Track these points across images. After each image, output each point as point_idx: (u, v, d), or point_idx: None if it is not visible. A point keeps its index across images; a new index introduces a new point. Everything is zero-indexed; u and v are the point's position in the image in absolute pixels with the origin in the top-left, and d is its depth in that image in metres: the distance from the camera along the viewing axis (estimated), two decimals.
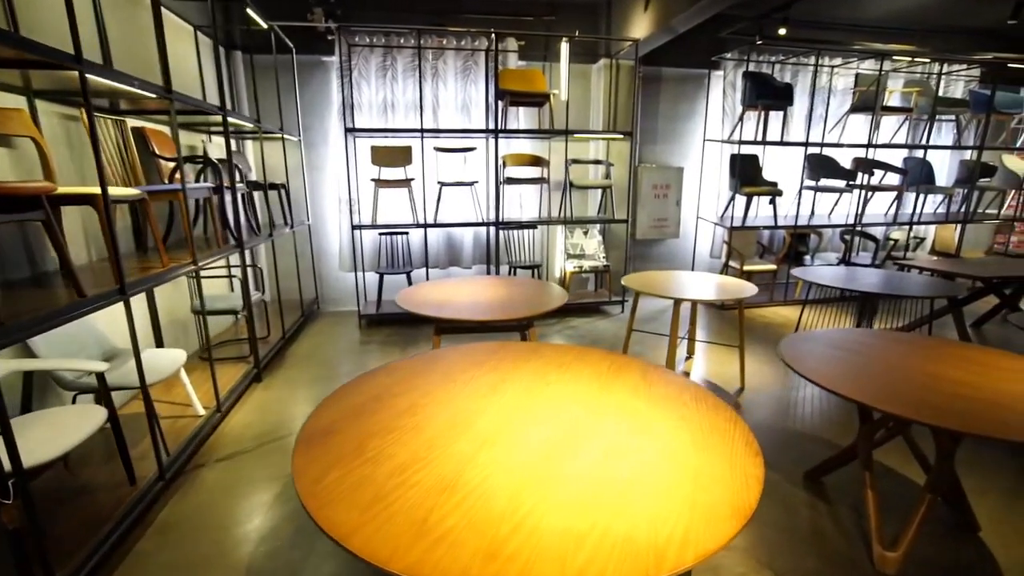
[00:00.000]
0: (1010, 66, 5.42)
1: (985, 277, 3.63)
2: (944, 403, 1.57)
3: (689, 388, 1.67)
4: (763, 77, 5.02)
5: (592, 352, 2.02)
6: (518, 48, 5.00)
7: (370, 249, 5.08)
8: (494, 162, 4.75)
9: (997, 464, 2.43)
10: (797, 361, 1.91)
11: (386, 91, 4.92)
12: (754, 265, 5.10)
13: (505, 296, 3.01)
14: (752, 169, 5.20)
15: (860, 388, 1.68)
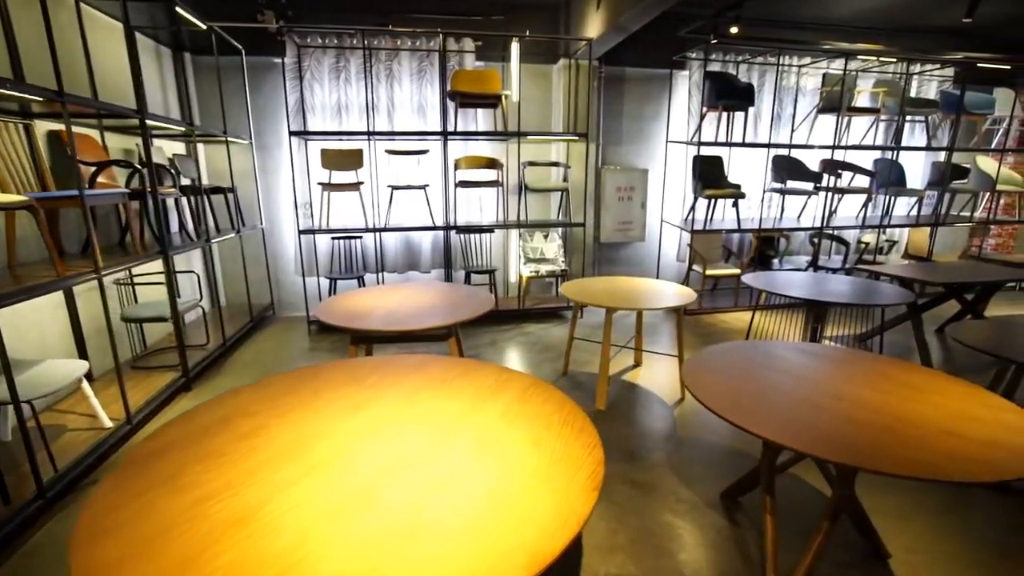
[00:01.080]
0: (979, 66, 5.30)
1: (941, 283, 3.52)
2: (841, 431, 1.46)
3: (562, 408, 1.57)
4: (725, 77, 4.92)
5: (482, 368, 1.91)
6: (475, 49, 4.91)
7: (324, 253, 4.99)
8: (449, 165, 4.66)
9: (929, 484, 2.31)
10: (699, 382, 1.80)
11: (339, 93, 4.82)
12: (717, 269, 4.99)
13: (430, 304, 2.91)
14: (716, 171, 5.10)
15: (757, 415, 1.57)
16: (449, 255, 4.66)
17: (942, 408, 1.58)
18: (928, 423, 1.48)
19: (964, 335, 2.36)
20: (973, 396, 1.66)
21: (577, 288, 3.22)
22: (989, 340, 2.29)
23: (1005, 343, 2.25)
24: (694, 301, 3.01)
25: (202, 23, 3.79)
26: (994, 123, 5.76)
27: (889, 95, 5.31)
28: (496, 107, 4.59)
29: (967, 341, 2.27)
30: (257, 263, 4.98)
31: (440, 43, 4.08)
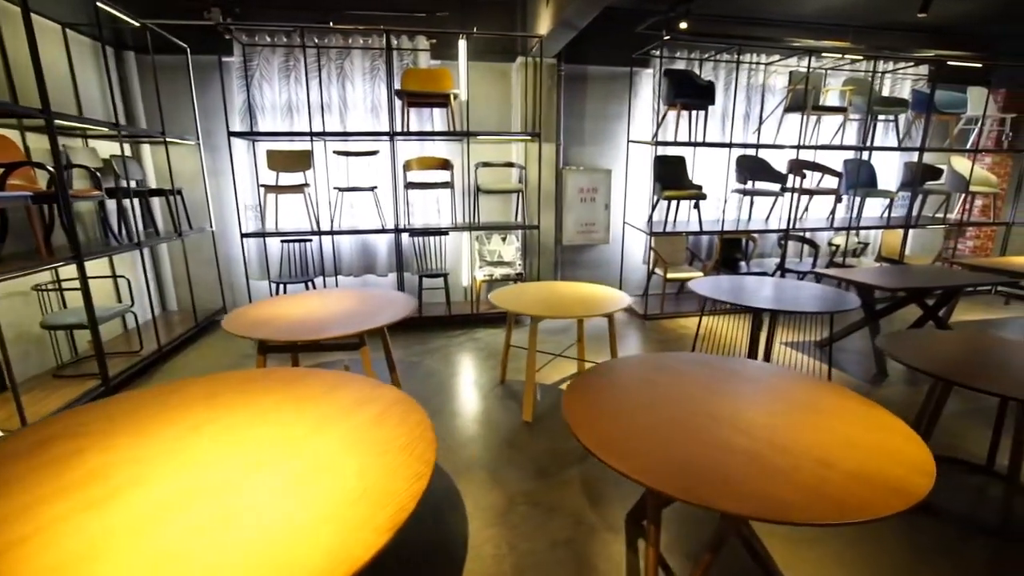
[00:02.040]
0: (950, 64, 5.15)
1: (895, 288, 3.38)
2: (713, 462, 1.33)
3: (414, 431, 1.44)
4: (685, 75, 4.79)
5: (355, 383, 1.78)
6: (430, 47, 4.79)
7: (277, 257, 4.88)
8: (398, 166, 4.54)
9: None
10: (578, 408, 1.67)
11: (289, 93, 4.71)
12: (679, 272, 4.85)
13: (346, 311, 2.79)
14: (678, 172, 4.96)
15: (632, 451, 1.44)
16: (400, 258, 4.54)
17: (828, 433, 1.45)
18: (806, 452, 1.35)
19: (892, 346, 2.22)
20: (868, 417, 1.53)
21: (507, 295, 3.09)
22: (918, 352, 2.15)
23: (934, 356, 2.12)
24: (631, 305, 2.89)
25: (135, 20, 3.69)
26: (968, 123, 5.61)
27: (856, 93, 5.17)
28: (445, 106, 4.46)
29: (893, 352, 2.14)
30: (210, 266, 4.87)
31: (385, 41, 3.96)
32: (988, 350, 2.17)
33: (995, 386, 1.78)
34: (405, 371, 3.66)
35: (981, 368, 1.96)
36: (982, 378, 1.85)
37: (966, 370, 1.93)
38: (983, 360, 2.05)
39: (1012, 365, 1.99)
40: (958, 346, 2.22)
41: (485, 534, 1.97)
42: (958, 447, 2.62)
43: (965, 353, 2.13)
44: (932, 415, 2.18)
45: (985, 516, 2.09)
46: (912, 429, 1.45)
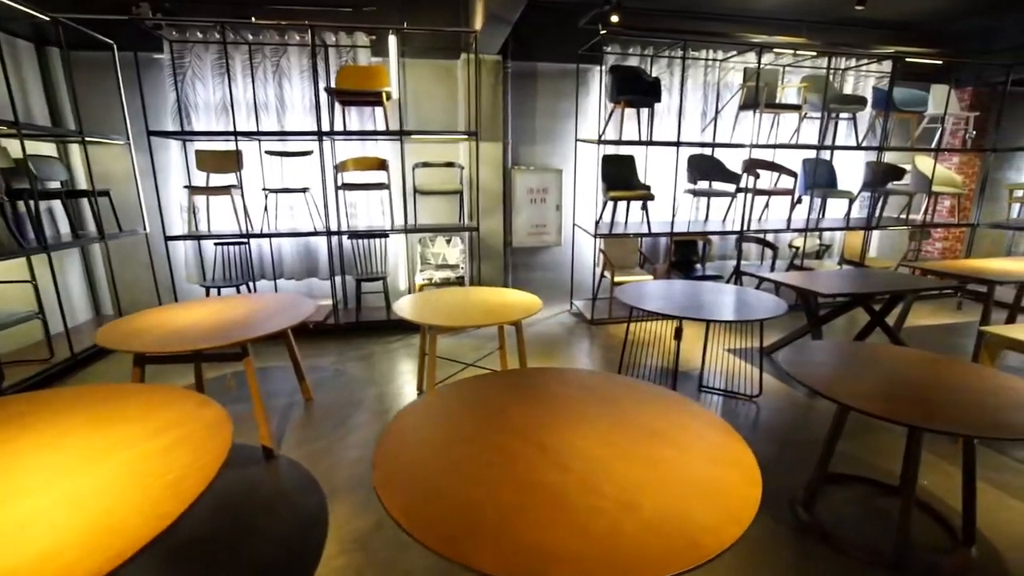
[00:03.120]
0: (911, 60, 5.00)
1: (822, 293, 3.23)
2: (503, 509, 1.19)
3: (185, 444, 1.29)
4: (631, 72, 4.64)
5: (179, 401, 1.64)
6: (370, 44, 4.64)
7: (216, 260, 4.73)
8: (331, 167, 4.40)
9: None
10: (385, 454, 1.53)
11: (224, 91, 4.56)
12: (627, 275, 4.70)
13: (240, 317, 2.65)
14: (626, 171, 4.81)
15: (428, 494, 1.30)
16: (332, 262, 4.38)
17: (657, 467, 1.30)
18: (619, 491, 1.21)
19: (788, 357, 2.08)
20: (718, 449, 1.38)
21: (413, 303, 2.95)
22: (806, 365, 2.01)
23: (834, 373, 1.97)
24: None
25: (43, 14, 3.54)
26: (933, 122, 5.46)
27: (812, 90, 5.02)
28: (378, 105, 4.30)
29: (791, 369, 1.99)
30: (148, 269, 4.72)
31: (310, 37, 3.81)
32: (896, 366, 2.02)
33: (893, 411, 1.63)
34: (326, 379, 3.52)
35: (887, 386, 1.81)
36: (882, 400, 1.71)
37: (867, 389, 1.79)
38: (889, 377, 1.90)
39: (913, 383, 1.85)
40: (864, 363, 2.07)
41: (337, 561, 1.83)
42: (875, 465, 2.47)
43: (872, 370, 1.99)
44: (831, 436, 2.04)
45: (886, 545, 1.95)
46: (757, 466, 1.30)
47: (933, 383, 1.82)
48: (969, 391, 1.76)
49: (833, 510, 2.15)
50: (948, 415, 1.58)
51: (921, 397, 1.70)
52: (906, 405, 1.65)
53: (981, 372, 1.92)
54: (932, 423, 1.54)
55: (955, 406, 1.64)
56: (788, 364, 2.02)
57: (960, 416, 1.58)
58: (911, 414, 1.59)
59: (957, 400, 1.68)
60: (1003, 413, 1.60)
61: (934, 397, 1.70)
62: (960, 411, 1.61)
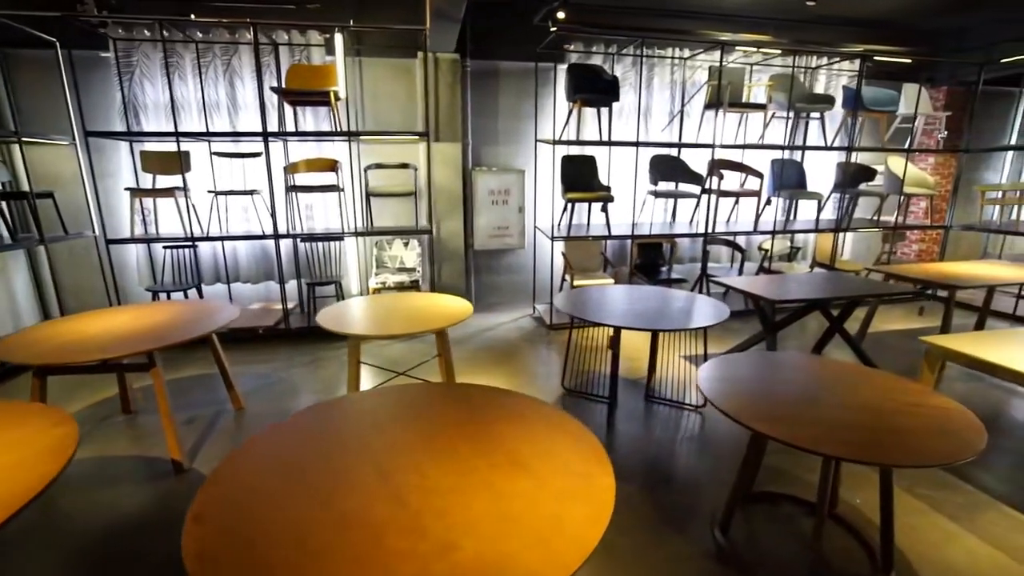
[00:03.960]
0: (883, 60, 4.89)
1: (780, 300, 3.13)
2: (312, 550, 1.09)
3: None
4: (590, 70, 4.53)
5: (27, 417, 1.53)
6: (324, 42, 4.53)
7: (168, 263, 4.62)
8: (279, 168, 4.29)
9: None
10: (216, 481, 1.42)
11: (172, 91, 4.45)
12: (587, 279, 4.60)
13: (156, 325, 2.54)
14: (586, 172, 4.71)
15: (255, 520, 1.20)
16: (280, 265, 4.27)
17: (509, 499, 1.19)
18: (444, 530, 1.10)
19: (707, 373, 1.97)
20: (581, 479, 1.28)
21: (338, 312, 2.84)
22: (724, 383, 1.90)
23: (733, 390, 1.87)
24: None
25: None
26: (905, 121, 5.35)
27: (776, 89, 4.90)
28: (327, 105, 4.20)
29: (701, 382, 1.89)
30: (89, 273, 4.62)
31: (252, 34, 3.70)
32: (822, 383, 1.92)
33: (806, 438, 1.53)
34: (265, 387, 3.42)
35: (807, 407, 1.71)
36: (798, 425, 1.60)
37: (785, 411, 1.68)
38: (811, 397, 1.80)
39: (836, 403, 1.74)
40: (786, 381, 1.96)
41: None
42: (809, 482, 2.37)
43: (794, 389, 1.88)
44: (747, 460, 1.93)
45: (802, 571, 1.84)
46: (612, 502, 1.19)
47: (856, 404, 1.71)
48: (892, 413, 1.65)
49: (755, 532, 2.05)
50: (866, 441, 1.47)
51: (841, 421, 1.59)
52: (823, 430, 1.54)
53: (908, 389, 1.82)
54: (847, 451, 1.43)
55: (875, 430, 1.53)
56: (704, 381, 1.91)
57: (879, 442, 1.47)
58: (826, 441, 1.47)
59: (877, 424, 1.57)
60: (923, 438, 1.49)
61: (855, 420, 1.59)
62: (880, 436, 1.50)
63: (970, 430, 1.54)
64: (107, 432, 2.83)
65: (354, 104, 4.75)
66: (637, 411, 3.07)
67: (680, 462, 2.54)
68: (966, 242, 6.28)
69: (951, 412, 1.65)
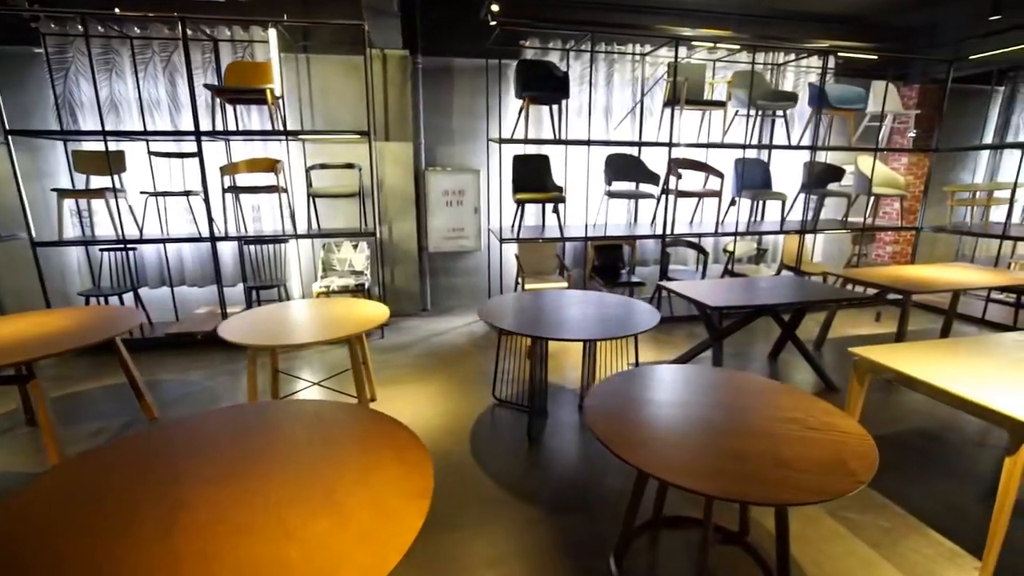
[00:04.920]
0: (842, 55, 4.74)
1: (718, 307, 2.97)
2: None
3: None
4: (541, 67, 4.38)
5: None
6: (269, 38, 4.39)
7: (101, 268, 4.49)
8: (215, 168, 4.15)
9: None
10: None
11: (110, 88, 4.31)
12: (539, 282, 4.45)
13: (43, 333, 2.40)
14: (539, 172, 4.56)
15: None
16: (218, 268, 4.13)
17: (290, 543, 1.05)
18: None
19: (596, 391, 1.83)
20: (383, 517, 1.13)
21: (243, 321, 2.69)
22: (612, 403, 1.75)
23: (620, 414, 1.72)
24: (380, 324, 2.50)
25: None
26: (875, 119, 5.19)
27: (736, 86, 4.75)
28: (263, 103, 4.06)
29: (586, 409, 1.74)
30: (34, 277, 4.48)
31: (181, 30, 3.56)
32: (726, 403, 1.77)
33: (688, 476, 1.38)
34: (187, 396, 3.27)
35: (701, 435, 1.56)
36: (684, 458, 1.45)
37: (675, 441, 1.53)
38: (707, 422, 1.65)
39: (735, 430, 1.59)
40: (689, 405, 1.82)
41: None
42: (724, 504, 2.21)
43: (694, 411, 1.73)
44: (636, 493, 1.77)
45: None
46: (404, 548, 1.05)
47: (754, 429, 1.56)
48: (788, 440, 1.50)
49: (656, 561, 1.90)
50: (747, 474, 1.32)
51: (729, 449, 1.44)
52: (707, 460, 1.39)
53: (816, 409, 1.67)
54: (719, 487, 1.27)
55: (761, 459, 1.39)
56: (593, 399, 1.76)
57: (759, 476, 1.32)
58: (703, 474, 1.32)
59: (767, 452, 1.43)
60: (808, 471, 1.35)
61: (744, 449, 1.44)
62: (763, 468, 1.35)
63: (861, 460, 1.39)
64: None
65: (302, 102, 4.61)
66: (567, 423, 2.92)
67: (602, 481, 2.39)
68: (943, 244, 6.12)
69: (849, 439, 1.50)
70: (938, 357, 2.13)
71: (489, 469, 2.45)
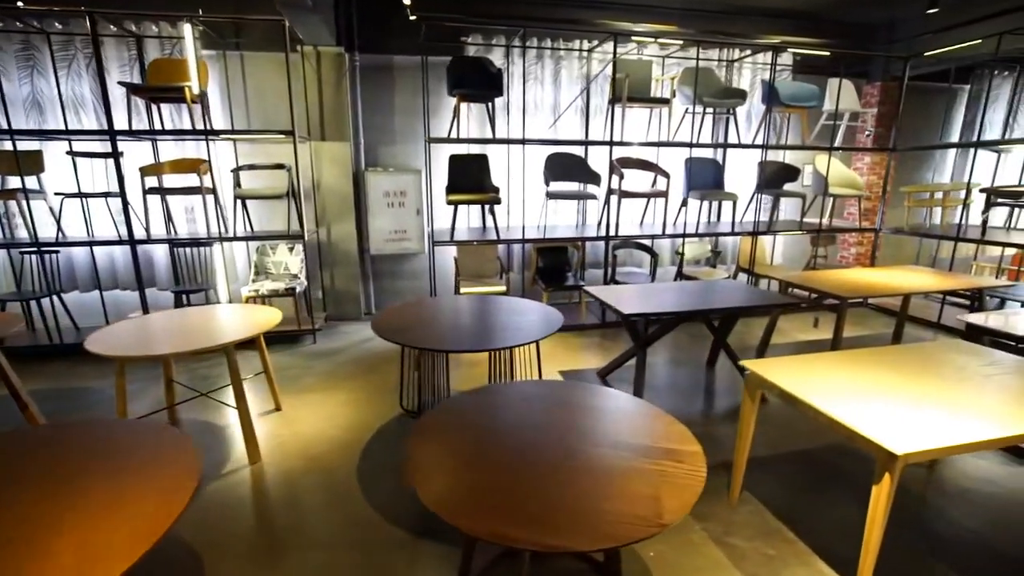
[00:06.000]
0: (791, 51, 4.58)
1: (633, 314, 2.83)
2: None
3: None
4: (474, 63, 4.24)
5: None
6: (199, 35, 4.25)
7: (32, 271, 4.36)
8: (132, 170, 4.02)
9: None
10: None
11: (31, 85, 4.18)
12: (475, 286, 4.31)
13: None
14: (476, 173, 4.41)
15: None
16: (139, 271, 3.99)
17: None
18: None
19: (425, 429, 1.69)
20: (111, 533, 1.00)
21: (114, 332, 2.55)
22: (423, 434, 1.61)
23: (430, 450, 1.58)
24: (265, 331, 2.37)
25: None
26: (833, 118, 5.02)
27: (684, 83, 4.60)
28: (181, 101, 3.92)
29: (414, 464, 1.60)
30: None
31: (89, 25, 3.42)
32: (566, 426, 1.63)
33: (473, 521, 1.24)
34: (90, 405, 3.14)
35: (519, 468, 1.42)
36: (479, 491, 1.32)
37: (485, 484, 1.40)
38: (522, 459, 1.51)
39: (549, 461, 1.45)
40: (501, 431, 1.68)
41: None
42: None
43: (529, 436, 1.59)
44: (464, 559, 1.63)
45: None
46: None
47: (581, 460, 1.43)
48: (611, 473, 1.37)
49: None
50: (546, 518, 1.18)
51: (543, 483, 1.30)
52: (500, 495, 1.25)
53: (665, 435, 1.53)
54: (499, 532, 1.14)
55: (573, 498, 1.25)
56: (427, 418, 1.63)
57: (550, 521, 1.19)
58: (484, 519, 1.19)
59: (583, 488, 1.29)
60: (612, 511, 1.21)
61: (561, 481, 1.31)
62: (556, 514, 1.22)
63: (678, 498, 1.25)
64: None
65: (233, 101, 4.47)
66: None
67: None
68: (910, 245, 5.96)
69: (679, 472, 1.36)
70: (831, 372, 1.98)
71: (369, 486, 2.31)
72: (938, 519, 2.11)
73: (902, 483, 2.35)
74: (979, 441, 1.51)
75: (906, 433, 1.53)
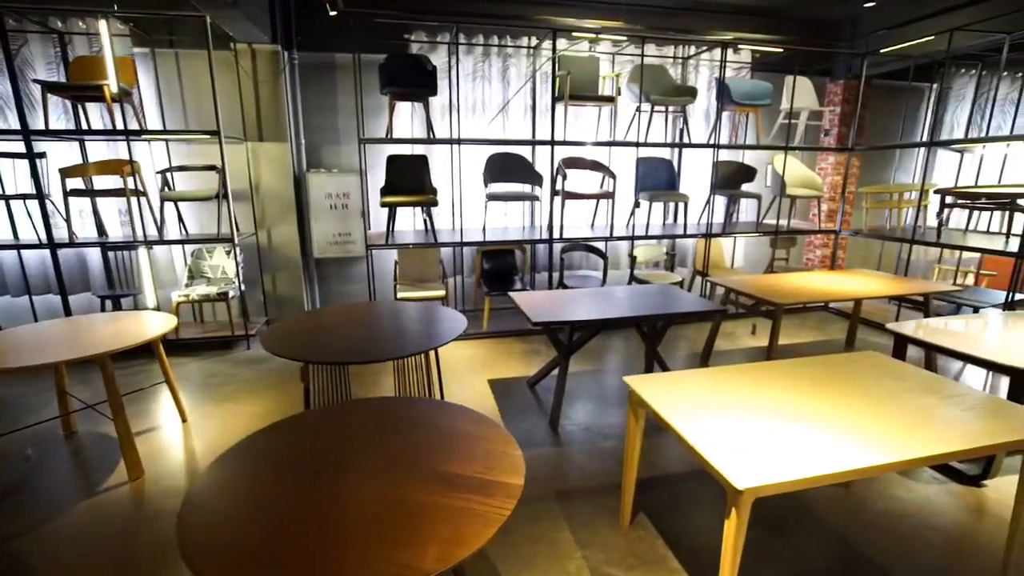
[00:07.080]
0: (745, 48, 4.44)
1: (544, 322, 2.70)
2: None
3: None
4: (410, 61, 4.11)
5: None
6: (131, 32, 4.13)
7: None
8: (52, 170, 3.90)
9: None
10: None
11: None
12: (412, 291, 4.19)
13: None
14: (415, 174, 4.28)
15: None
16: (60, 276, 3.87)
17: None
18: None
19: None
20: None
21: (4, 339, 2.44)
22: None
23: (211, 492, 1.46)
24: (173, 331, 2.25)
25: None
26: (786, 116, 4.87)
27: (631, 80, 4.46)
28: (102, 100, 3.79)
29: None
30: None
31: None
32: (401, 452, 1.51)
33: None
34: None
35: (326, 501, 1.30)
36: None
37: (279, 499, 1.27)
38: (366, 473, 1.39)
39: (363, 492, 1.33)
40: (306, 460, 1.55)
41: None
42: (488, 570, 1.95)
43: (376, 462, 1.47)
44: None
45: None
46: None
47: (380, 493, 1.30)
48: (412, 507, 1.25)
49: None
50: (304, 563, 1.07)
51: (312, 524, 1.19)
52: (266, 531, 1.13)
53: (498, 463, 1.41)
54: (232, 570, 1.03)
55: (361, 538, 1.13)
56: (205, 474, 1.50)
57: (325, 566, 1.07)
58: (231, 565, 1.07)
59: (366, 527, 1.17)
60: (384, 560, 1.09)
61: (343, 521, 1.19)
62: (335, 549, 1.10)
63: (468, 537, 1.13)
64: None
65: (170, 101, 4.35)
66: None
67: None
68: (878, 247, 5.81)
69: (489, 511, 1.23)
70: (710, 390, 1.85)
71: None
72: (832, 548, 1.98)
73: (805, 504, 2.22)
74: (849, 470, 1.38)
75: (762, 463, 1.39)
